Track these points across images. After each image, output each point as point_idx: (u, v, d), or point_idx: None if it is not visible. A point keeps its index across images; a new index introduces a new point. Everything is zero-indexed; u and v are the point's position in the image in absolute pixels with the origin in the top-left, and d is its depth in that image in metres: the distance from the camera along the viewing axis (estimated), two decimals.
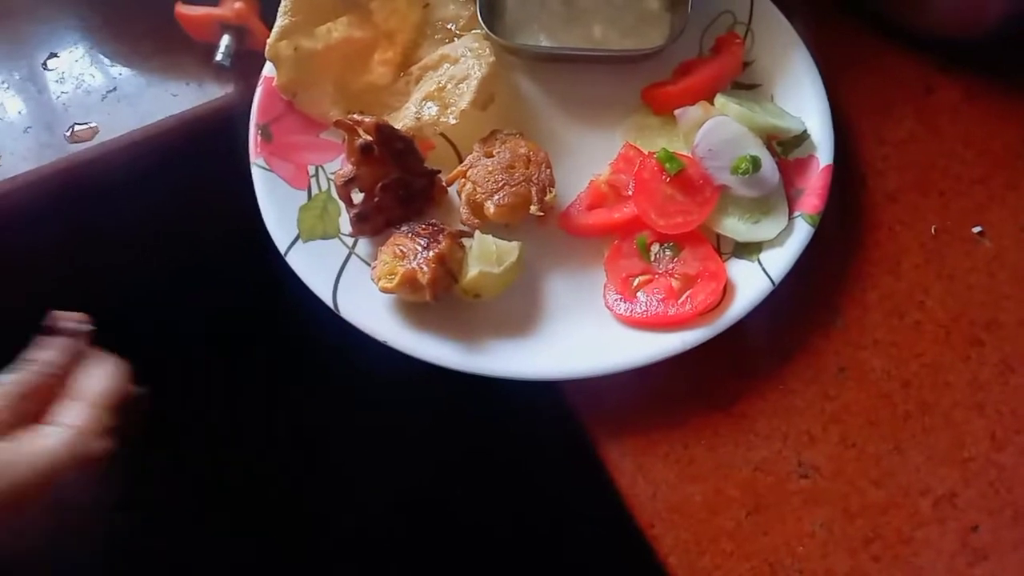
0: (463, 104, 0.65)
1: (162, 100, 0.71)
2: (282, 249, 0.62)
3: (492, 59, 0.67)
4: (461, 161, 0.66)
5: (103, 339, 0.51)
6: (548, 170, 0.64)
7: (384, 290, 0.59)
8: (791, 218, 0.63)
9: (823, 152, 0.65)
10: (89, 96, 0.71)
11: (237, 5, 0.70)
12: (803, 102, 0.68)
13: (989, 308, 0.63)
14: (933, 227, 0.66)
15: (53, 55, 0.73)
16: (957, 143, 0.69)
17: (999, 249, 0.65)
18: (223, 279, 0.77)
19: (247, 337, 0.83)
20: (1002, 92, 0.71)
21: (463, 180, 0.64)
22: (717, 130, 0.64)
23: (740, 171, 0.62)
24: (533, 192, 0.62)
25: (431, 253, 0.58)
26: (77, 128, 0.69)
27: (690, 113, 0.66)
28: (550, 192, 0.63)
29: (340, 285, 0.61)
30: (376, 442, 0.82)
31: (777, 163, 0.65)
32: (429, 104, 0.67)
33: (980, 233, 0.66)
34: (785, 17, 0.70)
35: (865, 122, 0.70)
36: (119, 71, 0.72)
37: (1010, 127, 0.69)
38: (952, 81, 0.72)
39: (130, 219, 0.69)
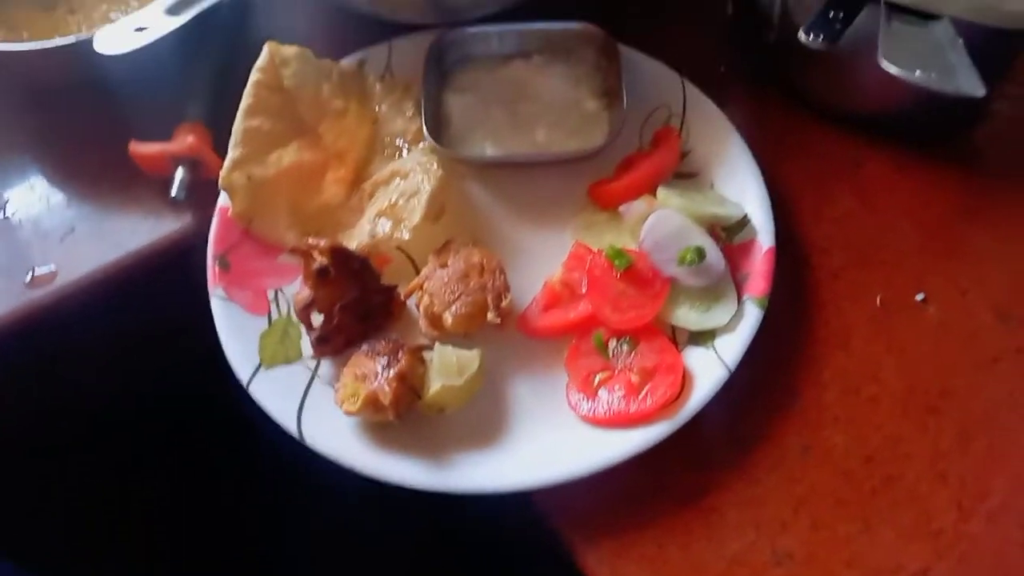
0: (415, 219, 0.67)
1: (120, 236, 0.72)
2: (244, 380, 0.62)
3: (440, 172, 0.69)
4: (418, 271, 0.68)
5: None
6: (502, 276, 0.65)
7: (348, 413, 0.59)
8: (740, 303, 0.65)
9: (765, 235, 0.67)
10: (47, 239, 0.72)
11: (189, 139, 0.72)
12: (742, 187, 0.70)
13: (941, 376, 0.64)
14: (879, 298, 0.68)
15: (7, 200, 0.74)
16: (893, 215, 0.72)
17: (944, 316, 0.67)
18: (185, 413, 0.77)
19: (211, 471, 0.83)
20: (929, 163, 0.74)
21: (420, 293, 0.65)
22: (661, 224, 0.66)
23: (687, 262, 0.64)
24: (489, 300, 0.64)
25: (392, 372, 0.59)
26: (37, 273, 0.70)
27: (634, 208, 0.68)
28: (505, 298, 0.64)
29: (304, 411, 0.61)
30: (346, 564, 0.81)
31: (722, 249, 0.67)
32: (383, 221, 0.69)
33: (924, 300, 0.68)
34: (717, 105, 0.73)
35: (803, 201, 0.73)
36: (76, 211, 0.74)
37: (940, 195, 0.72)
38: (881, 155, 0.75)
39: (91, 358, 0.69)
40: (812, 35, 0.63)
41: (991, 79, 0.56)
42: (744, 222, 0.69)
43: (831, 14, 0.64)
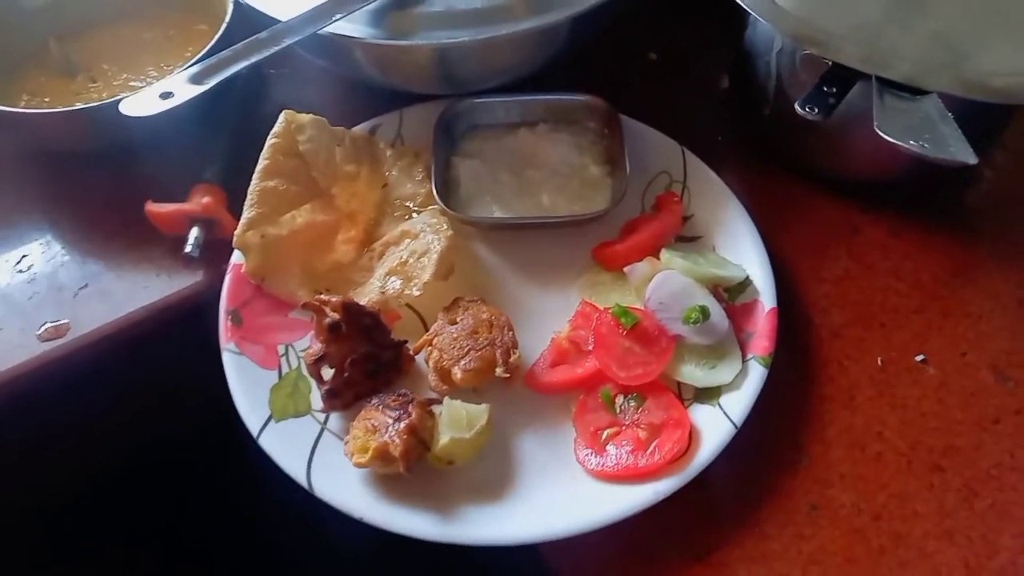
0: (425, 277, 0.69)
1: (133, 292, 0.73)
2: (254, 432, 0.63)
3: (450, 232, 0.71)
4: (426, 328, 0.69)
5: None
6: (510, 332, 0.66)
7: (358, 465, 0.59)
8: (745, 361, 0.66)
9: (767, 296, 0.69)
10: (61, 293, 0.73)
11: (205, 200, 0.74)
12: (743, 250, 0.72)
13: (944, 434, 0.65)
14: (879, 359, 0.69)
15: (24, 256, 0.76)
16: (890, 277, 0.74)
17: (944, 376, 0.68)
18: (196, 466, 0.77)
19: (222, 520, 0.82)
20: (922, 227, 0.77)
21: (429, 348, 0.66)
22: (665, 284, 0.68)
23: (691, 321, 0.66)
24: (497, 355, 0.65)
25: (402, 424, 0.60)
26: (48, 326, 0.71)
27: (639, 269, 0.70)
28: (514, 353, 0.65)
29: (313, 463, 0.61)
30: None
31: (725, 309, 0.68)
32: (393, 279, 0.70)
33: (923, 361, 0.69)
34: (716, 173, 0.76)
35: (802, 264, 0.75)
36: (90, 267, 0.75)
37: (933, 260, 0.75)
38: (876, 220, 0.77)
39: (102, 411, 0.69)
40: (807, 108, 0.66)
41: (980, 147, 0.59)
42: (746, 283, 0.71)
43: (825, 89, 0.67)
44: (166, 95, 0.65)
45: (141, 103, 0.65)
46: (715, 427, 0.63)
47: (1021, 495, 0.62)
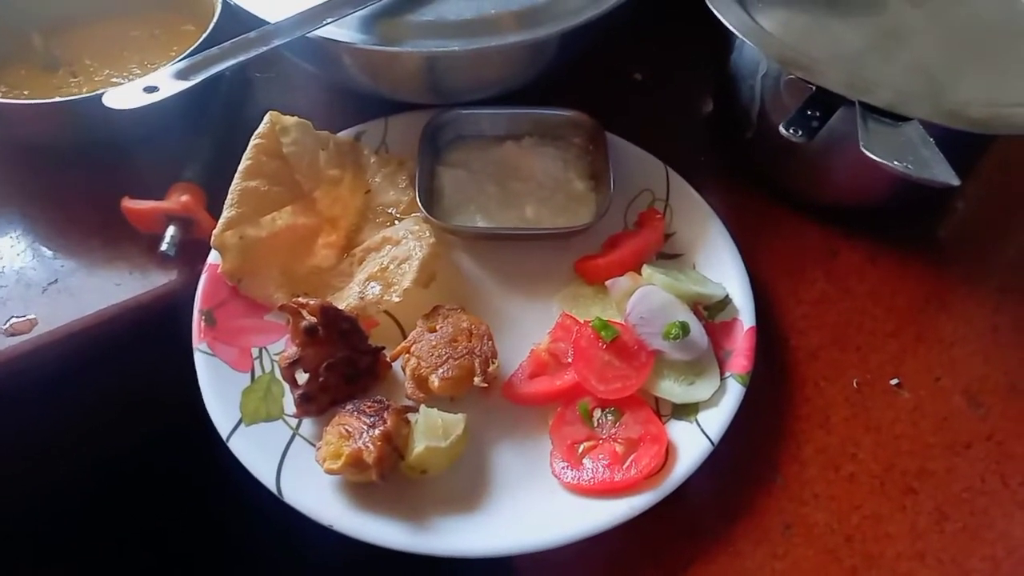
0: (406, 283, 0.68)
1: (105, 290, 0.71)
2: (224, 434, 0.61)
3: (432, 240, 0.71)
4: (404, 337, 0.68)
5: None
6: (490, 342, 0.66)
7: (329, 471, 0.58)
8: (723, 379, 0.66)
9: (746, 315, 0.69)
10: (29, 289, 0.71)
11: (184, 198, 0.73)
12: (723, 269, 0.73)
13: (917, 457, 0.66)
14: (855, 381, 0.70)
15: None
16: (867, 301, 0.75)
17: (918, 400, 0.69)
18: (166, 466, 0.75)
19: (188, 525, 0.80)
20: (899, 254, 0.78)
21: (407, 355, 0.66)
22: (646, 299, 0.68)
23: (671, 336, 0.66)
24: (476, 364, 0.64)
25: (377, 431, 0.59)
26: (14, 321, 0.69)
27: (620, 283, 0.70)
28: (493, 363, 0.65)
29: (284, 468, 0.60)
30: None
31: (704, 327, 0.68)
32: (373, 284, 0.69)
33: (898, 385, 0.70)
34: (699, 193, 0.77)
35: (782, 284, 0.76)
36: (61, 263, 0.74)
37: (909, 285, 0.76)
38: (854, 245, 0.78)
39: (71, 408, 0.67)
40: (791, 130, 0.67)
41: (962, 172, 0.60)
42: (725, 302, 0.71)
43: (809, 112, 0.68)
44: (150, 89, 0.65)
45: (124, 96, 0.64)
46: (692, 443, 0.62)
47: (991, 519, 0.63)
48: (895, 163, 0.60)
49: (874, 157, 0.60)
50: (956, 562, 0.61)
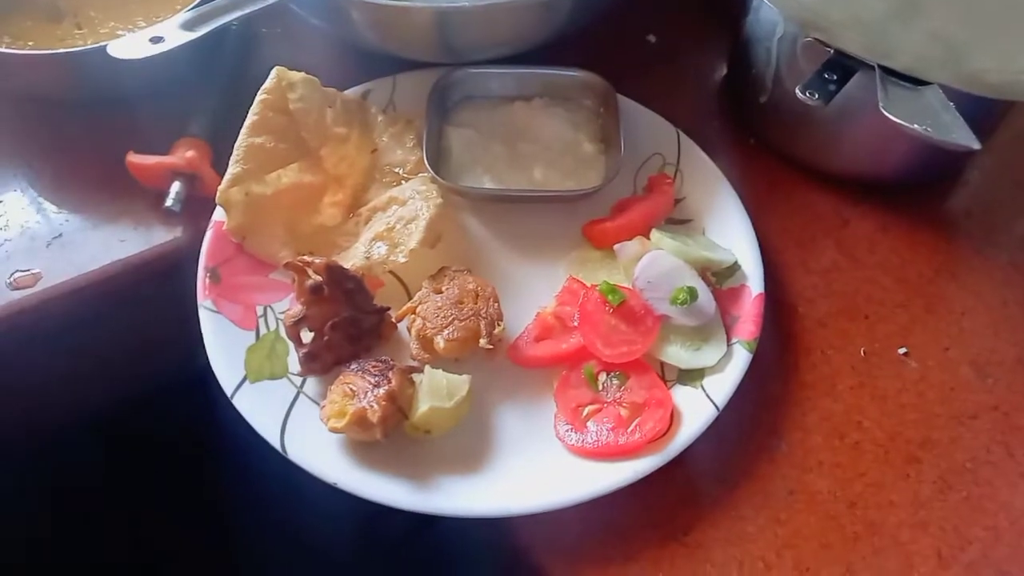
0: (412, 243, 0.67)
1: (109, 245, 0.71)
2: (228, 391, 0.61)
3: (439, 200, 0.70)
4: (410, 298, 0.68)
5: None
6: (496, 304, 0.65)
7: (334, 430, 0.58)
8: (730, 345, 0.66)
9: (754, 281, 0.69)
10: (33, 242, 0.71)
11: (189, 153, 0.72)
12: (733, 235, 0.72)
13: (922, 427, 0.65)
14: (862, 350, 0.69)
15: None
16: (876, 271, 0.74)
17: (925, 370, 0.68)
18: (169, 422, 0.75)
19: (195, 480, 0.80)
20: (910, 224, 0.77)
21: (412, 316, 0.65)
22: (655, 264, 0.67)
23: (679, 301, 0.65)
24: (482, 326, 0.64)
25: (381, 391, 0.59)
26: (18, 275, 0.68)
27: (628, 248, 0.70)
28: (499, 325, 0.64)
29: (288, 426, 0.60)
30: None
31: (713, 292, 0.68)
32: (379, 244, 0.69)
33: (906, 354, 0.69)
34: (710, 158, 0.76)
35: (791, 253, 0.75)
36: (65, 217, 0.73)
37: (920, 256, 0.75)
38: (865, 214, 0.77)
39: (75, 364, 0.67)
40: (808, 93, 0.66)
41: (982, 137, 0.59)
42: (734, 268, 0.70)
43: (826, 76, 0.67)
44: (157, 40, 0.64)
45: (131, 46, 0.63)
46: (697, 409, 0.62)
47: (995, 489, 0.63)
48: (916, 125, 0.58)
49: (894, 118, 0.59)
50: (958, 531, 0.61)
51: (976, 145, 0.58)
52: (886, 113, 0.60)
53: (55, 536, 0.76)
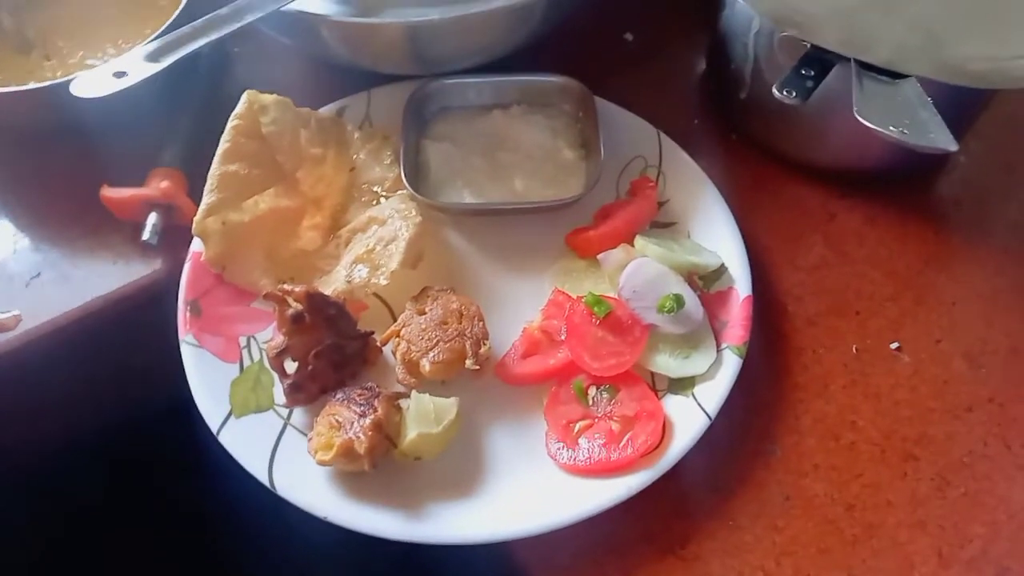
0: (393, 265, 0.67)
1: (88, 281, 0.70)
2: (214, 428, 0.61)
3: (419, 219, 0.69)
4: (395, 318, 0.67)
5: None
6: (481, 323, 0.65)
7: (321, 463, 0.58)
8: (719, 351, 0.65)
9: (742, 284, 0.68)
10: (11, 283, 0.70)
11: (164, 184, 0.71)
12: (718, 236, 0.71)
13: (917, 423, 0.65)
14: (854, 347, 0.69)
15: None
16: (865, 265, 0.73)
17: (917, 364, 0.68)
18: (153, 462, 0.74)
19: (183, 519, 0.80)
20: (897, 216, 0.76)
21: (397, 339, 0.64)
22: (639, 272, 0.66)
23: (666, 310, 0.64)
24: (467, 346, 0.63)
25: (368, 420, 0.58)
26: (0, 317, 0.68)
27: (612, 256, 0.69)
28: (484, 344, 0.63)
29: (276, 460, 0.60)
30: None
31: (700, 297, 0.67)
32: (359, 267, 0.68)
33: (898, 349, 0.68)
34: (692, 158, 0.75)
35: (778, 250, 0.74)
36: (44, 255, 0.72)
37: (908, 247, 0.74)
38: (852, 207, 0.76)
39: (56, 405, 0.67)
40: (785, 92, 0.65)
41: (958, 132, 0.58)
42: (721, 271, 0.69)
43: (803, 72, 0.66)
44: (120, 74, 0.62)
45: (93, 83, 0.62)
46: (689, 418, 0.62)
47: (993, 483, 0.62)
48: (891, 129, 0.57)
49: (869, 124, 0.58)
50: (957, 528, 0.60)
51: (953, 147, 0.57)
52: (860, 119, 0.59)
53: (42, 564, 0.75)
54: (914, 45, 0.65)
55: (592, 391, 0.64)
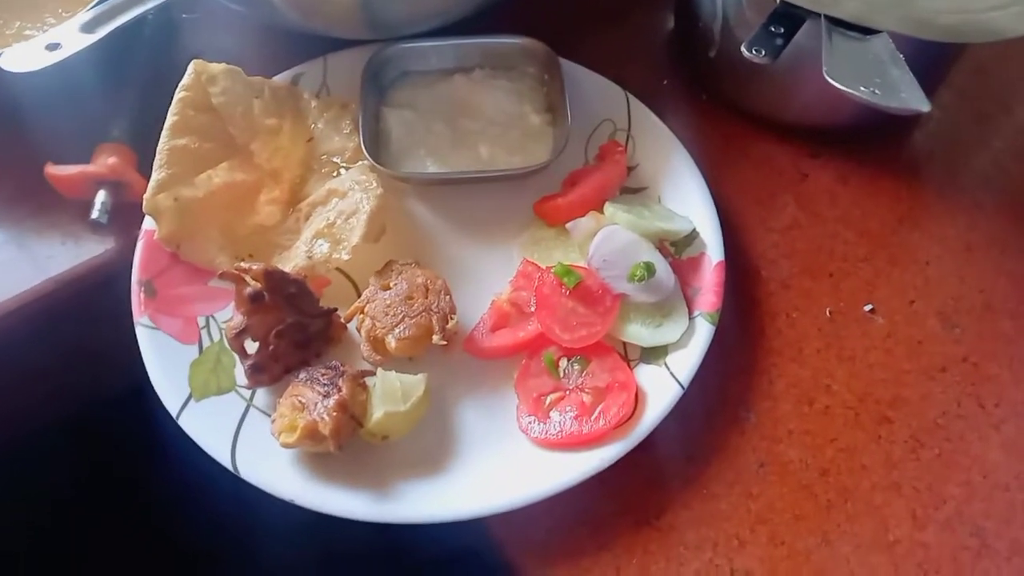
0: (354, 239, 0.64)
1: (37, 263, 0.67)
2: (174, 412, 0.58)
3: (380, 191, 0.66)
4: (359, 293, 0.65)
5: None
6: (447, 297, 0.63)
7: (285, 445, 0.56)
8: (692, 318, 0.64)
9: (714, 249, 0.66)
10: None
11: (111, 160, 0.68)
12: (689, 201, 0.69)
13: (891, 385, 0.64)
14: (828, 310, 0.68)
15: None
16: (838, 225, 0.72)
17: (891, 325, 0.67)
18: (110, 447, 0.72)
19: (147, 504, 0.78)
20: (870, 173, 0.75)
21: (361, 316, 0.62)
22: (609, 240, 0.65)
23: (636, 278, 0.63)
24: (434, 321, 0.61)
25: (332, 400, 0.56)
26: None
27: (582, 225, 0.67)
28: (451, 319, 0.62)
29: (239, 443, 0.58)
30: None
31: (671, 264, 0.66)
32: (320, 242, 0.66)
33: (872, 311, 0.68)
34: (662, 120, 0.73)
35: (750, 212, 0.73)
36: None
37: (882, 206, 0.73)
38: (823, 166, 0.75)
39: (7, 391, 0.64)
40: (754, 50, 0.63)
41: (929, 88, 0.56)
42: (692, 236, 0.68)
43: (772, 29, 0.64)
44: (53, 47, 0.59)
45: (24, 57, 0.58)
46: (661, 388, 0.61)
47: (967, 443, 0.62)
48: (861, 90, 0.56)
49: (839, 86, 0.56)
50: (932, 489, 0.60)
51: (925, 107, 0.56)
52: (830, 80, 0.57)
53: None
54: (883, 0, 0.63)
55: (563, 363, 0.63)
